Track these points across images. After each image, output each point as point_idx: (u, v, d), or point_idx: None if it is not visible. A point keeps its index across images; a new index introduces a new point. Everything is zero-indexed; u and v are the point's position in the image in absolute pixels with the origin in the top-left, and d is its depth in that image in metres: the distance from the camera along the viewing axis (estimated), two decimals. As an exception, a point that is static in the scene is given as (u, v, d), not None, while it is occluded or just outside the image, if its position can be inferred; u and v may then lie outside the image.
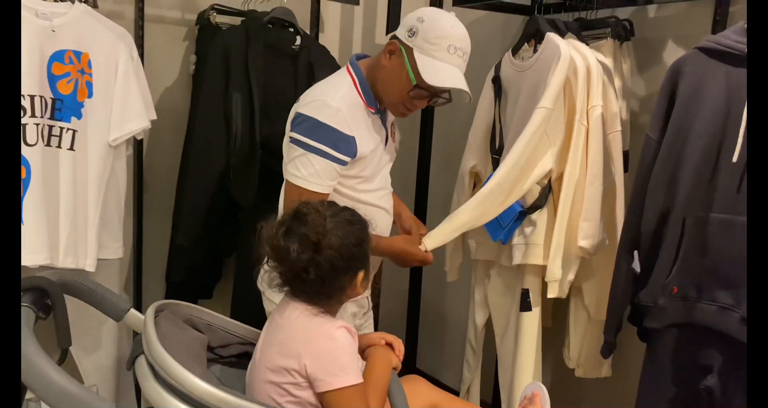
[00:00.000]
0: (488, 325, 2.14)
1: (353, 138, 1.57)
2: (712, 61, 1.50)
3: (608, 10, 2.11)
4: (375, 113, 1.67)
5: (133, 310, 1.30)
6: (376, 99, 1.66)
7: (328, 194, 1.57)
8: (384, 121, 1.72)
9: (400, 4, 2.28)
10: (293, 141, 1.57)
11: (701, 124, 1.50)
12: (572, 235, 1.79)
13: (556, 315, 2.17)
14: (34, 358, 0.90)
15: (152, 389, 1.06)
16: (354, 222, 1.31)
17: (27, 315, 1.01)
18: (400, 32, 1.61)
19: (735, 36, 1.48)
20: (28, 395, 1.22)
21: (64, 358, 1.16)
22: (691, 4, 1.97)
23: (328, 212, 1.29)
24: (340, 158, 1.55)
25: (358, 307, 1.72)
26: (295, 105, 1.65)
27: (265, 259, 1.30)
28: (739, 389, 1.49)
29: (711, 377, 1.52)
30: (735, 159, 1.46)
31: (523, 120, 1.80)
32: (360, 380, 1.22)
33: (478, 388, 2.22)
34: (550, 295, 1.80)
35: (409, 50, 1.58)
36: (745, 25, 1.50)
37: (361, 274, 1.30)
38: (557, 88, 1.72)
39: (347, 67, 1.68)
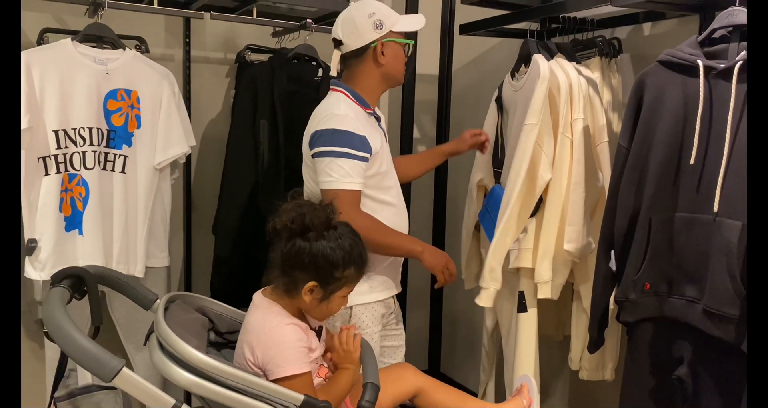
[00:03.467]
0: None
1: (365, 137, 1.75)
2: (670, 72, 1.61)
3: (608, 29, 2.26)
4: (371, 115, 1.86)
5: (158, 301, 1.55)
6: (369, 102, 1.85)
7: (360, 191, 1.73)
8: (379, 123, 1.90)
9: (416, 35, 2.49)
10: (317, 155, 1.74)
11: (662, 131, 1.60)
12: (561, 240, 1.90)
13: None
14: (61, 321, 1.17)
15: (158, 358, 1.30)
16: (349, 253, 1.38)
17: (62, 294, 1.28)
18: (369, 36, 1.79)
19: (688, 49, 1.60)
20: (70, 364, 1.50)
21: (96, 333, 1.42)
22: (680, 21, 2.09)
23: (342, 229, 1.40)
24: (362, 155, 1.73)
25: (385, 308, 1.88)
26: (306, 129, 1.84)
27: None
28: (707, 378, 1.56)
29: (682, 367, 1.60)
30: (692, 161, 1.56)
31: (517, 136, 1.96)
32: (304, 370, 1.34)
33: (493, 389, 2.34)
34: (540, 296, 1.91)
35: (389, 34, 1.81)
36: (698, 38, 1.62)
37: (311, 285, 1.38)
38: (539, 105, 1.87)
39: (332, 89, 1.86)
